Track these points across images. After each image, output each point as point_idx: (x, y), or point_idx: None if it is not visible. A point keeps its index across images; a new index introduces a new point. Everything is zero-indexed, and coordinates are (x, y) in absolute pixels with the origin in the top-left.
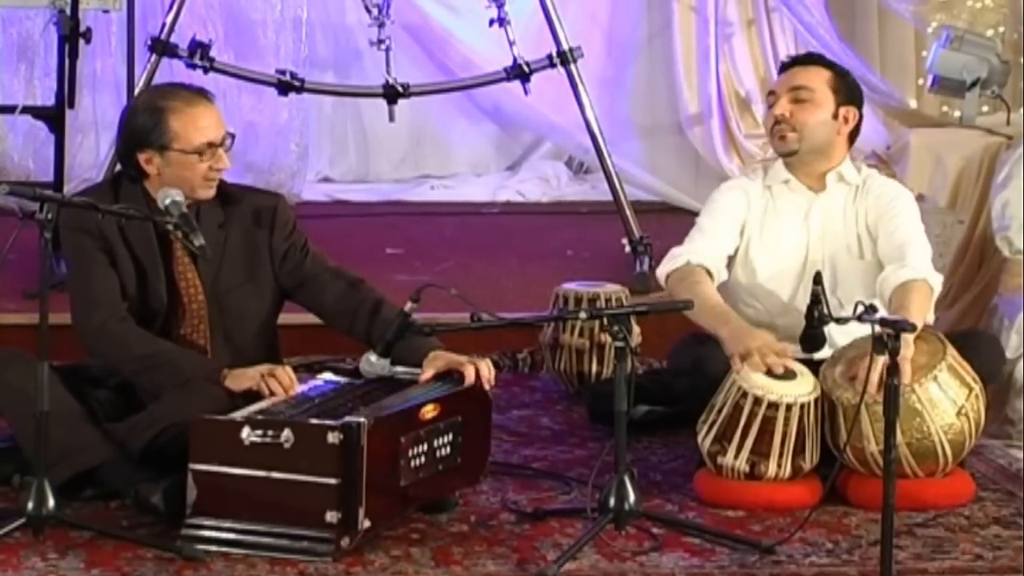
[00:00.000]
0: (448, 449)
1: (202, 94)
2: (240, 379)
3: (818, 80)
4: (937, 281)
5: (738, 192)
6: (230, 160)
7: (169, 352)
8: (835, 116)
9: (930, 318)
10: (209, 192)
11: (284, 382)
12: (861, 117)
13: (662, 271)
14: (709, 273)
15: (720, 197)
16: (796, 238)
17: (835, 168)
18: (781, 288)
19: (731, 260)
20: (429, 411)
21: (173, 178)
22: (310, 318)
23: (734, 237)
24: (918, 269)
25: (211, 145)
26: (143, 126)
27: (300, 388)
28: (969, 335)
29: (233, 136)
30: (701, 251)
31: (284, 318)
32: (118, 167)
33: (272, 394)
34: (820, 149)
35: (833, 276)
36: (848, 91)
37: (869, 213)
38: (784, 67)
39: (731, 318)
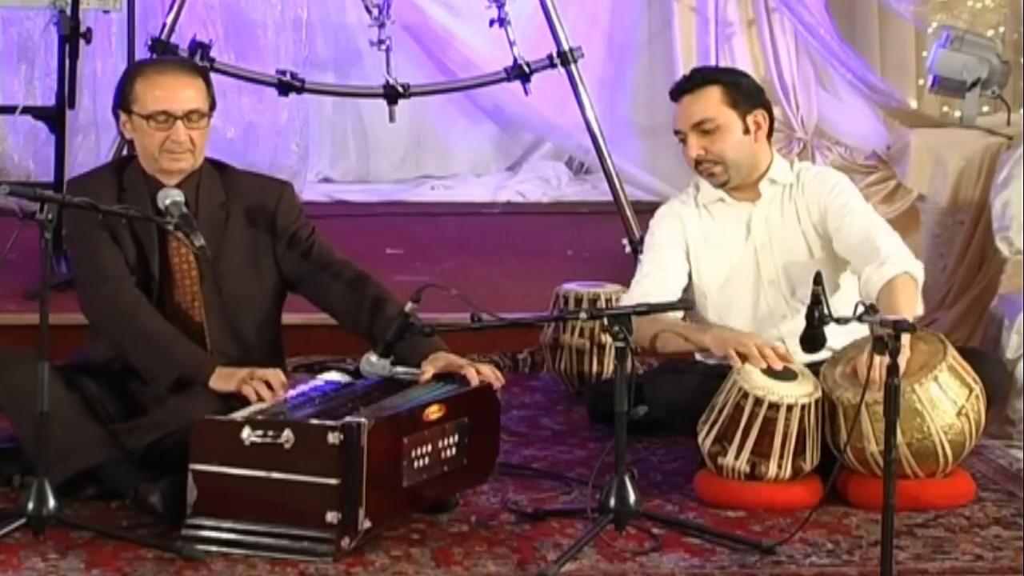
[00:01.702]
0: (454, 450)
1: (182, 67)
2: (227, 380)
3: (712, 104)
4: (919, 270)
5: (673, 220)
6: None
7: (169, 338)
8: (746, 130)
9: (919, 309)
10: (174, 166)
11: (273, 384)
12: (770, 110)
13: None
14: None
15: (656, 230)
16: (743, 252)
17: (766, 173)
18: (741, 304)
19: (689, 286)
20: (434, 412)
21: (140, 146)
22: (310, 318)
23: (681, 266)
24: (897, 264)
25: (166, 115)
26: (121, 86)
27: (301, 388)
28: (973, 355)
29: (203, 114)
30: (649, 295)
31: (285, 318)
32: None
33: (260, 399)
34: (749, 165)
35: (788, 280)
36: (745, 96)
37: (811, 210)
38: (674, 97)
39: (710, 326)
